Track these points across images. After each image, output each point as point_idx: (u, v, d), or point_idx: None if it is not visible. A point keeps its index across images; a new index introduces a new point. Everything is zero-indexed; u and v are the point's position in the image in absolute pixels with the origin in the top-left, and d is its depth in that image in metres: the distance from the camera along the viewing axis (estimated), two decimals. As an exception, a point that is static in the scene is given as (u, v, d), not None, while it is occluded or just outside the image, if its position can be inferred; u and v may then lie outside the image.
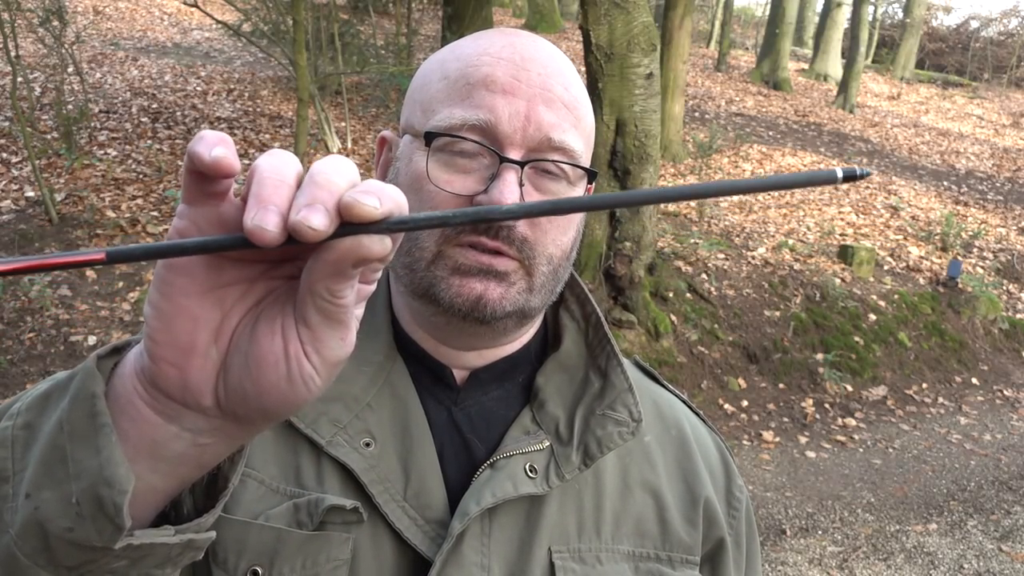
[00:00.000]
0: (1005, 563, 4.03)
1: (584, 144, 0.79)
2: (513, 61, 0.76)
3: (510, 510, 0.76)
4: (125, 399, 0.48)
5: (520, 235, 0.75)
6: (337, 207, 0.40)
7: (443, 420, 0.81)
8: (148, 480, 0.49)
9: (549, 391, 0.83)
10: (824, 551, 4.05)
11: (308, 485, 0.74)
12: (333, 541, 0.72)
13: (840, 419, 5.64)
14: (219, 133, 0.41)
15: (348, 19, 10.76)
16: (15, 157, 6.94)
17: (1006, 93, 20.93)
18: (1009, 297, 7.87)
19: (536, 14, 16.72)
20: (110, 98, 8.78)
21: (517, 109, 0.74)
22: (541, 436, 0.80)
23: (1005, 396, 6.39)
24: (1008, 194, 11.28)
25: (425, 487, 0.75)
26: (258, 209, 0.40)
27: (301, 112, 6.54)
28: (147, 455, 0.48)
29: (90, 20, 12.05)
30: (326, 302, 0.43)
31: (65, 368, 4.43)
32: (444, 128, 0.75)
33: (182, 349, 0.45)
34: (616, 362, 0.85)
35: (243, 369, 0.46)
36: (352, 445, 0.75)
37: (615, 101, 5.31)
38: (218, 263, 0.45)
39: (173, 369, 0.45)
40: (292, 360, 0.45)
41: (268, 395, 0.46)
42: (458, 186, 0.74)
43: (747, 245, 7.37)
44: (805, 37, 21.13)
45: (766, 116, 13.46)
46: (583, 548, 0.78)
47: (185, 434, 0.48)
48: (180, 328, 0.45)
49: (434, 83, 0.79)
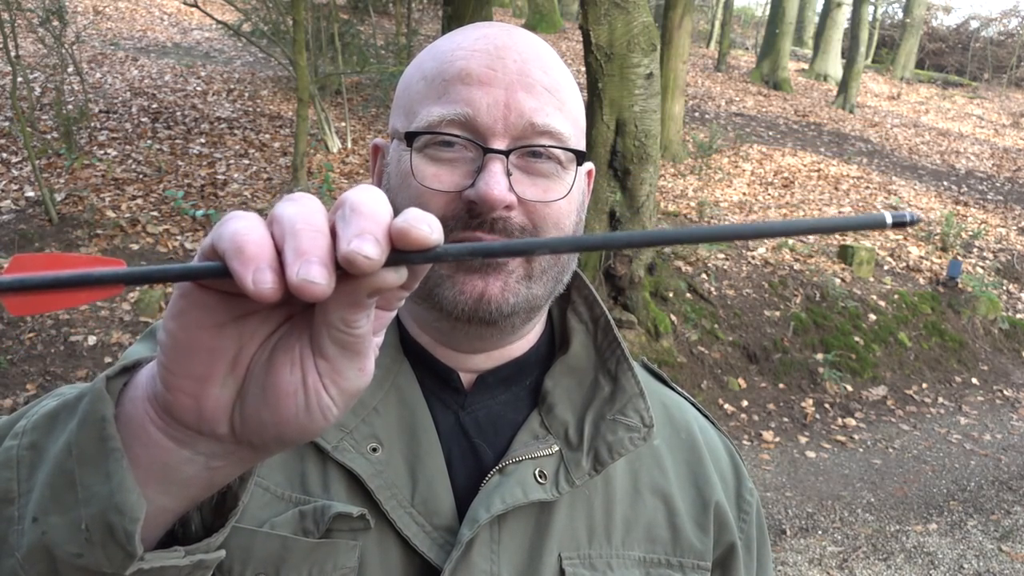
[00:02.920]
0: (1005, 563, 4.03)
1: (572, 125, 0.78)
2: (487, 52, 0.75)
3: (520, 516, 0.75)
4: (137, 423, 0.47)
5: (517, 225, 0.74)
6: (388, 235, 0.40)
7: (450, 424, 0.80)
8: (158, 502, 0.48)
9: (558, 395, 0.82)
10: (824, 551, 4.05)
11: (314, 492, 0.73)
12: (340, 549, 0.71)
13: (840, 419, 5.64)
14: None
15: (348, 19, 10.76)
16: (15, 157, 6.94)
17: (1006, 93, 20.93)
18: (1009, 297, 7.87)
19: (536, 14, 16.72)
20: (110, 98, 8.78)
21: (496, 99, 0.73)
22: (550, 441, 0.78)
23: (1005, 396, 6.39)
24: (1008, 194, 11.28)
25: (433, 493, 0.74)
26: (301, 263, 0.39)
27: (301, 112, 6.54)
28: (158, 478, 0.47)
29: (90, 20, 12.05)
30: (342, 333, 0.43)
31: (65, 368, 4.44)
32: (424, 127, 0.74)
33: (198, 380, 0.44)
34: (627, 366, 0.83)
35: (260, 399, 0.45)
36: (358, 450, 0.74)
37: (615, 101, 5.31)
38: (236, 295, 0.43)
39: (188, 399, 0.45)
40: (311, 392, 0.45)
41: (286, 425, 0.45)
42: (446, 182, 0.73)
43: (747, 245, 7.37)
44: (805, 37, 21.12)
45: (766, 116, 13.46)
46: (593, 554, 0.77)
47: (198, 458, 0.47)
48: (197, 360, 0.44)
49: (414, 85, 0.78)
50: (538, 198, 0.74)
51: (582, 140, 0.82)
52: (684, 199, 8.50)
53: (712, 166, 9.85)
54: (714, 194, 8.91)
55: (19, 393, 4.23)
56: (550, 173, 0.76)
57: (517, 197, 0.73)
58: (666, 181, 8.97)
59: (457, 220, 0.73)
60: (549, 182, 0.75)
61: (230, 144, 8.00)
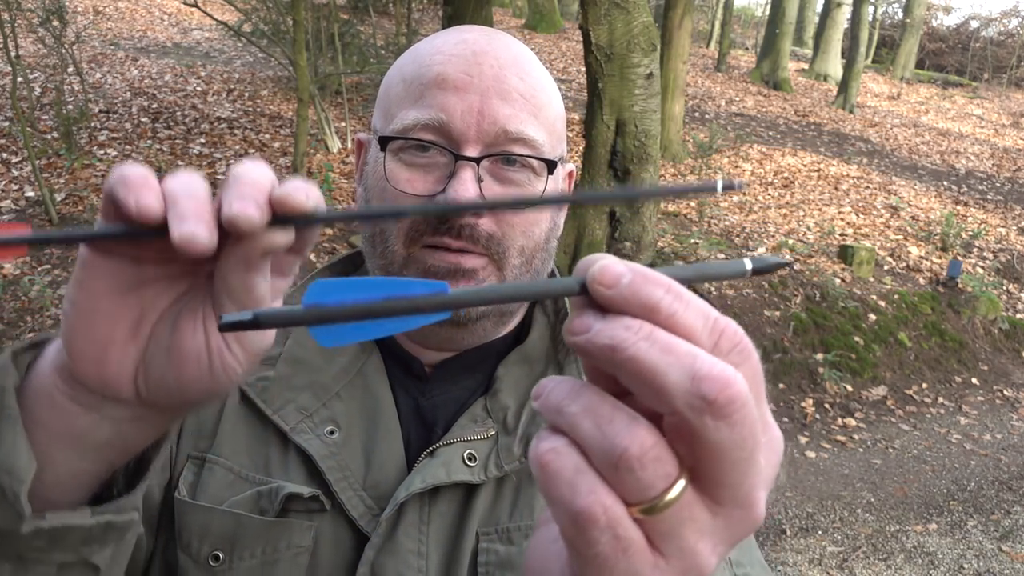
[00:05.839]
0: (1005, 563, 4.03)
1: (546, 133, 0.78)
2: (464, 57, 0.76)
3: (449, 497, 0.76)
4: (45, 392, 0.49)
5: (485, 232, 0.75)
6: (268, 201, 0.42)
7: (410, 410, 0.81)
8: (75, 465, 0.50)
9: (506, 382, 0.82)
10: (824, 551, 4.05)
11: (275, 474, 0.75)
12: (294, 528, 0.72)
13: (840, 419, 5.64)
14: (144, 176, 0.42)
15: (348, 19, 10.76)
16: (15, 157, 6.94)
17: (1006, 93, 20.93)
18: (1009, 297, 7.87)
19: (536, 14, 16.72)
20: (110, 98, 8.78)
21: (470, 105, 0.74)
22: (489, 425, 0.79)
23: (1005, 396, 6.39)
24: (1008, 194, 11.28)
25: (384, 476, 0.76)
26: (179, 221, 0.41)
27: (301, 112, 6.54)
28: (71, 443, 0.49)
29: (90, 20, 12.05)
30: (240, 294, 0.45)
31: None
32: (399, 131, 0.75)
33: (100, 345, 0.46)
34: (573, 357, 0.84)
35: (164, 363, 0.47)
36: (315, 432, 0.76)
37: (615, 101, 5.31)
38: (140, 261, 0.45)
39: (90, 365, 0.46)
40: (214, 354, 0.47)
41: (190, 387, 0.47)
42: (418, 187, 0.75)
43: (747, 245, 7.37)
44: (805, 37, 21.12)
45: (766, 116, 13.46)
46: (512, 527, 0.76)
47: (106, 423, 0.49)
48: (98, 325, 0.46)
49: (394, 87, 0.79)
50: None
51: (560, 146, 0.82)
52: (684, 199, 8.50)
53: (712, 166, 9.86)
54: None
55: None
56: (522, 181, 0.76)
57: None
58: (666, 181, 8.97)
59: (427, 224, 0.75)
60: (520, 190, 0.76)
61: (230, 144, 8.00)
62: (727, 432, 0.32)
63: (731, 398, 0.31)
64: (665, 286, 0.33)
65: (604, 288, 0.33)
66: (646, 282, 0.33)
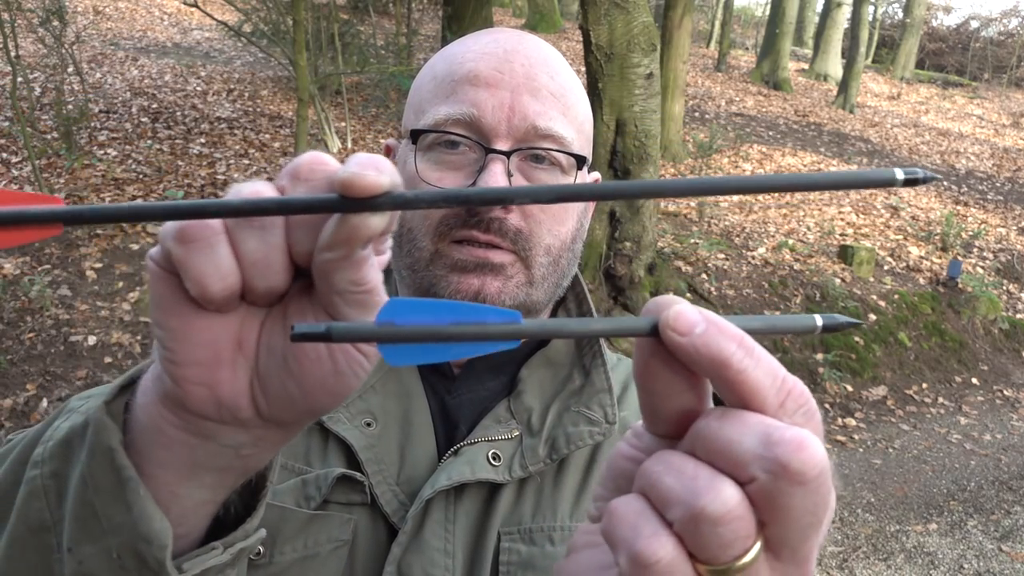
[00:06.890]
0: (1005, 563, 4.03)
1: (575, 131, 0.79)
2: (496, 55, 0.77)
3: (473, 496, 0.76)
4: (154, 429, 0.45)
5: (513, 227, 0.75)
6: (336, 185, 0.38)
7: (436, 407, 0.81)
8: (196, 497, 0.47)
9: (530, 383, 0.83)
10: (824, 551, 4.05)
11: (314, 464, 0.75)
12: (334, 521, 0.72)
13: (840, 419, 5.64)
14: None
15: (348, 19, 10.76)
16: (15, 157, 6.94)
17: (1006, 93, 20.93)
18: (1009, 297, 7.87)
19: (536, 14, 16.72)
20: (110, 98, 8.78)
21: (501, 101, 0.75)
22: (512, 426, 0.79)
23: (1005, 396, 6.39)
24: (1008, 194, 11.28)
25: (417, 473, 0.76)
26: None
27: (301, 112, 6.54)
28: (189, 477, 0.46)
29: (90, 20, 12.05)
30: (355, 294, 0.41)
31: (64, 368, 4.44)
32: (430, 125, 0.76)
33: (206, 367, 0.42)
34: (600, 362, 0.84)
35: (282, 372, 0.43)
36: (353, 423, 0.76)
37: (615, 101, 5.31)
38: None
39: (201, 388, 0.42)
40: (337, 350, 0.43)
41: (315, 392, 0.43)
42: (448, 182, 0.75)
43: (747, 245, 7.37)
44: (805, 37, 21.13)
45: (766, 116, 13.46)
46: (535, 528, 0.76)
47: (226, 450, 0.46)
48: (197, 346, 0.41)
49: (425, 85, 0.80)
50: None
51: (587, 146, 0.83)
52: (684, 199, 8.51)
53: (712, 166, 9.85)
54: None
55: (19, 393, 4.23)
56: (551, 180, 0.77)
57: None
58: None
59: (456, 219, 0.75)
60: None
61: (230, 144, 8.00)
62: (801, 498, 0.32)
63: (808, 464, 0.31)
64: (738, 339, 0.33)
65: (677, 335, 0.33)
66: (719, 334, 0.33)
